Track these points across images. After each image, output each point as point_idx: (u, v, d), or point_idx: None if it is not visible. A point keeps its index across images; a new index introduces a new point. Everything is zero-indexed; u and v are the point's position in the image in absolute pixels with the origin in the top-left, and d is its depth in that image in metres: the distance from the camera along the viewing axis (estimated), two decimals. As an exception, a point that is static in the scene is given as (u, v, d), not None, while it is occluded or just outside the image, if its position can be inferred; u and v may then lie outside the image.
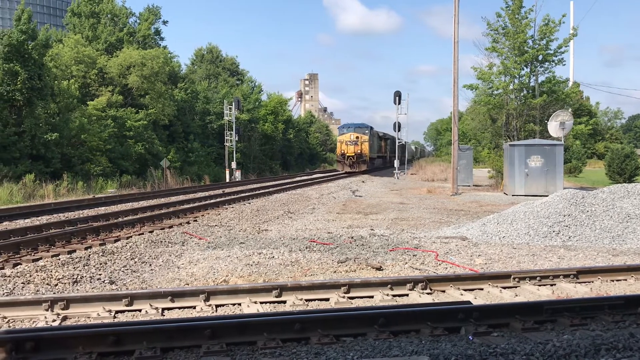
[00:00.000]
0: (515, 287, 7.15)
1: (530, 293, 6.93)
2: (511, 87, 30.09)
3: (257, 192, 23.32)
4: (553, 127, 25.75)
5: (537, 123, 30.15)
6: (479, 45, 51.44)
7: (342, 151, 44.38)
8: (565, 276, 7.45)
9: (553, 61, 29.54)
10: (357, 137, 44.03)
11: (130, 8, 44.90)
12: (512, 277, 7.27)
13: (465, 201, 20.99)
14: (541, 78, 30.76)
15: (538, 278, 7.31)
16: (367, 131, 45.26)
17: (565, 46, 29.64)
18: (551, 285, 7.29)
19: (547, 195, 14.05)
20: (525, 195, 22.03)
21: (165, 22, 47.96)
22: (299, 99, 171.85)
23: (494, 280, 7.16)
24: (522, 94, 30.49)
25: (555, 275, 7.45)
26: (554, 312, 5.37)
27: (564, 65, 30.84)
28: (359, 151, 43.57)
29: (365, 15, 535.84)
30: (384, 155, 57.48)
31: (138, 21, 44.70)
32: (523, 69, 29.83)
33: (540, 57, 29.33)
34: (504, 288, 7.00)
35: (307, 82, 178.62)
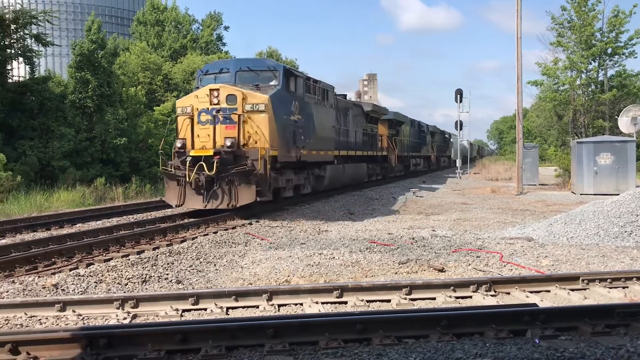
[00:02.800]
0: (584, 289, 6.89)
1: (600, 296, 6.67)
2: (578, 82, 29.10)
3: (316, 193, 23.41)
4: (624, 122, 24.68)
5: (606, 119, 29.00)
6: (543, 40, 49.14)
7: (183, 142, 14.38)
8: (639, 278, 7.12)
9: (623, 54, 28.37)
10: (230, 97, 14.17)
11: (193, 15, 46.24)
12: (581, 279, 7.02)
13: (531, 201, 20.40)
14: (610, 72, 29.63)
15: (609, 280, 7.03)
16: (273, 82, 15.27)
17: (637, 38, 28.34)
18: (623, 287, 6.99)
19: (617, 194, 13.47)
20: (594, 194, 21.18)
21: (226, 28, 49.26)
22: (358, 99, 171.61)
23: (561, 282, 6.94)
24: (589, 89, 29.41)
25: (627, 277, 7.13)
26: (626, 315, 5.15)
27: (636, 57, 29.54)
28: (230, 143, 13.82)
29: (424, 13, 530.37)
30: (377, 156, 27.75)
31: (201, 28, 45.91)
32: (591, 63, 28.80)
33: (609, 50, 28.22)
34: (572, 290, 6.77)
35: (365, 82, 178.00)
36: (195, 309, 6.17)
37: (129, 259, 8.99)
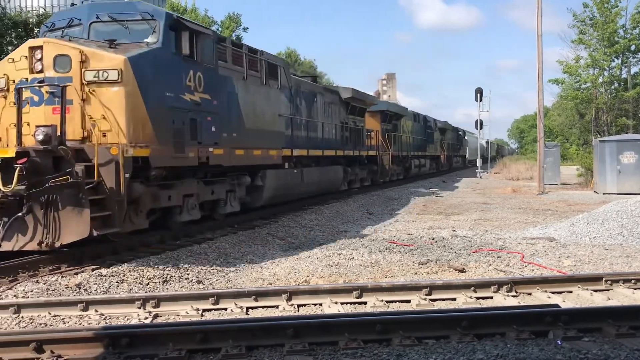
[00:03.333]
0: (608, 290, 6.79)
1: (624, 297, 6.57)
2: (600, 80, 28.72)
3: (335, 193, 23.35)
4: (648, 120, 24.30)
5: (630, 117, 28.59)
6: (565, 38, 48.19)
7: None
8: (664, 279, 7.00)
9: (647, 51, 27.89)
10: (61, 60, 8.62)
11: (212, 17, 46.45)
12: (604, 279, 6.92)
13: (553, 200, 20.17)
14: (634, 69, 29.20)
15: (633, 281, 6.91)
16: (150, 38, 9.61)
17: (661, 34, 27.88)
18: (648, 288, 6.87)
19: (642, 194, 13.27)
20: (617, 194, 20.86)
21: (245, 29, 49.27)
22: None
23: (584, 283, 6.85)
24: (612, 87, 29.02)
25: (652, 278, 7.02)
26: (651, 317, 5.07)
27: (660, 55, 29.02)
28: (42, 136, 7.99)
29: (443, 11, 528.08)
30: (362, 157, 22.26)
31: (220, 29, 46.13)
32: (613, 61, 28.41)
33: (632, 47, 27.79)
34: (595, 291, 6.68)
35: (384, 81, 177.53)
36: (215, 309, 6.20)
37: (150, 259, 9.06)
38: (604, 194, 21.68)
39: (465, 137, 58.86)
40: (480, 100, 39.71)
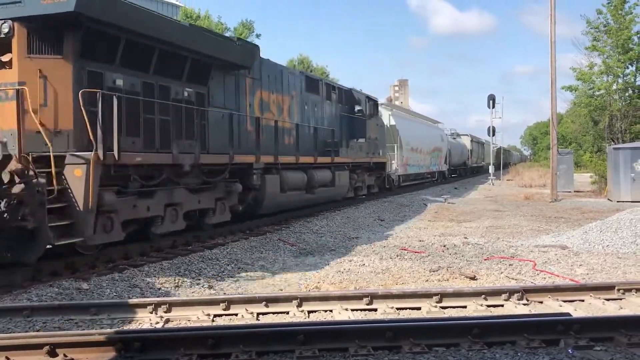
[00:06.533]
0: (620, 299, 6.73)
1: (637, 306, 6.50)
2: (614, 87, 28.50)
3: (346, 200, 23.35)
4: (663, 128, 24.09)
5: (644, 124, 28.34)
6: (578, 45, 47.24)
7: None
8: (678, 289, 6.93)
9: (662, 58, 27.67)
10: None
11: (225, 23, 46.75)
12: (617, 288, 6.86)
13: (566, 208, 20.03)
14: (648, 76, 28.90)
15: (646, 290, 6.85)
16: None
17: (676, 41, 27.66)
18: (661, 298, 6.81)
19: (656, 202, 13.15)
20: (631, 202, 20.66)
21: (258, 36, 49.52)
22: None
23: (596, 292, 6.80)
24: (627, 94, 28.78)
25: (666, 287, 6.95)
26: (664, 326, 5.03)
27: (675, 62, 28.78)
28: None
29: (456, 17, 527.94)
30: None
31: (233, 35, 46.39)
32: (628, 68, 28.19)
33: (647, 54, 27.57)
34: (607, 300, 6.63)
35: (396, 88, 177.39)
36: (226, 314, 6.23)
37: (162, 264, 9.12)
38: (617, 201, 21.51)
39: (393, 123, 26.87)
40: (493, 107, 39.61)
